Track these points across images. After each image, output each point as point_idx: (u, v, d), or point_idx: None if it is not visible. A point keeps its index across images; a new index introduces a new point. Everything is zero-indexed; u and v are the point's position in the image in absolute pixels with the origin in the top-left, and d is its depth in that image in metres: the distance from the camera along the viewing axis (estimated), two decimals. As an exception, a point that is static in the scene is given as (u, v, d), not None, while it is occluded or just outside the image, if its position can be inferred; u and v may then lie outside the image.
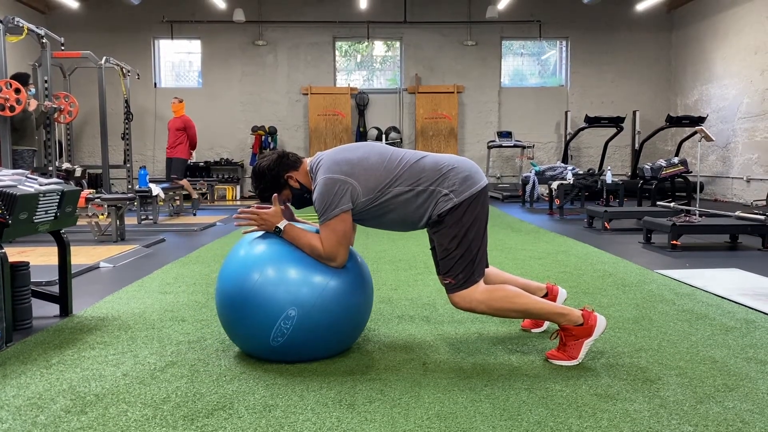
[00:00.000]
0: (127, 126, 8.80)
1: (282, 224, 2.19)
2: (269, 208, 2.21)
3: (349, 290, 2.18)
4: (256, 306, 2.08)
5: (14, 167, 5.76)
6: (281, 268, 2.13)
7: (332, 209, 2.13)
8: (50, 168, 6.50)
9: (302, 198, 2.32)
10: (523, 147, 11.50)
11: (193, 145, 8.87)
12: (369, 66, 12.61)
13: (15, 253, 4.46)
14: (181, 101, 8.75)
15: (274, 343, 2.11)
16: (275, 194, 2.25)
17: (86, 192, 5.49)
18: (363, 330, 2.43)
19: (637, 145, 11.03)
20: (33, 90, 6.28)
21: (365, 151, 2.25)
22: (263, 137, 11.64)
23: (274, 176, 2.27)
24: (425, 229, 2.39)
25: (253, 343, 2.18)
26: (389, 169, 2.20)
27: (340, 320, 2.16)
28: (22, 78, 6.01)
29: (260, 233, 2.26)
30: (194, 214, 8.15)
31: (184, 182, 8.70)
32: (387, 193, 2.18)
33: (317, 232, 2.19)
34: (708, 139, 6.48)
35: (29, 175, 2.76)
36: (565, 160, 11.08)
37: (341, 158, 2.21)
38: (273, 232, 2.21)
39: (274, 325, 2.08)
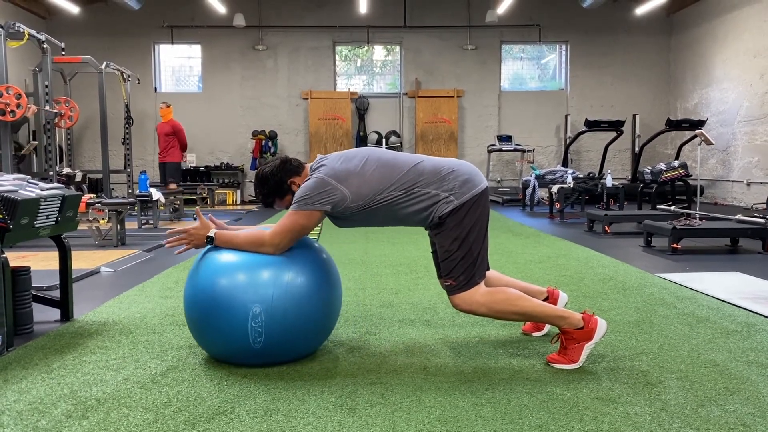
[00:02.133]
0: (127, 131, 8.83)
1: (212, 232, 2.21)
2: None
3: (306, 281, 2.17)
4: (224, 311, 2.09)
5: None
6: (237, 271, 2.14)
7: (308, 203, 2.14)
8: (51, 173, 6.51)
9: None
10: (523, 151, 11.52)
11: (183, 147, 8.93)
12: (369, 70, 12.63)
13: (16, 258, 4.46)
14: (168, 106, 8.80)
15: (256, 346, 2.11)
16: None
17: (87, 197, 5.49)
18: (337, 317, 2.40)
19: (637, 149, 11.04)
20: None
21: (363, 157, 2.26)
22: (263, 142, 11.66)
23: (277, 182, 2.29)
24: (426, 234, 2.40)
25: (238, 351, 2.17)
26: (385, 174, 2.20)
27: (305, 309, 2.15)
28: None
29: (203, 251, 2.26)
30: (194, 219, 8.14)
31: (173, 186, 8.58)
32: (379, 198, 2.18)
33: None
34: (708, 142, 6.48)
35: (30, 180, 2.77)
36: (565, 163, 11.08)
37: (339, 164, 2.22)
38: (206, 243, 2.23)
39: (248, 327, 2.08)
